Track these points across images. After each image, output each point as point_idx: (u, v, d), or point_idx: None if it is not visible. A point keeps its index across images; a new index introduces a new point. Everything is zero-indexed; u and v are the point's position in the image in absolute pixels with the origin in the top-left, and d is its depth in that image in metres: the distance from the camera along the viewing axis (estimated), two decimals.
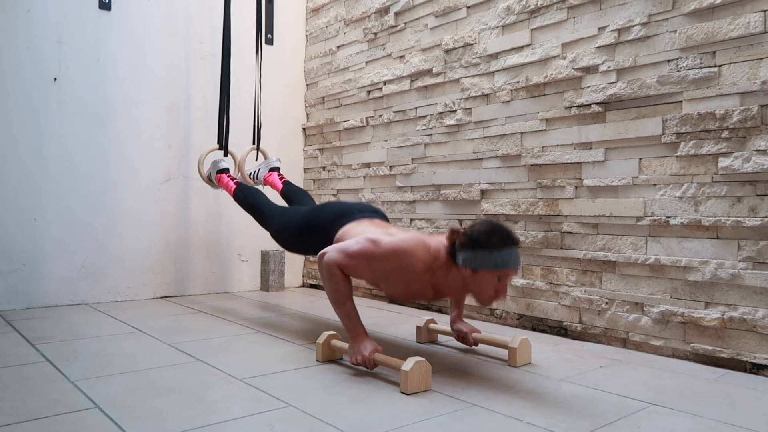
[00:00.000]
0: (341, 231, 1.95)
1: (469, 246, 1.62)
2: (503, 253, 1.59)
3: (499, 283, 1.63)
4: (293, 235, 2.18)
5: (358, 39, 3.27)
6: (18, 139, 2.71)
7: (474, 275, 1.63)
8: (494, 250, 1.59)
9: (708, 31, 1.90)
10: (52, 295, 2.79)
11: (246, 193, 2.56)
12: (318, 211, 2.12)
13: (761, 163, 1.78)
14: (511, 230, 1.65)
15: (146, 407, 1.43)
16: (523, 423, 1.36)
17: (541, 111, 2.38)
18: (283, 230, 2.24)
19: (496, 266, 1.60)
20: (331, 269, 1.74)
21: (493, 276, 1.61)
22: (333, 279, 1.75)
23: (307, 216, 2.15)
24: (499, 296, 1.65)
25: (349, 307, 1.76)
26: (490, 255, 1.59)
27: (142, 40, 3.05)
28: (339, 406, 1.46)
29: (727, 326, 1.86)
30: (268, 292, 3.38)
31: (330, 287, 1.76)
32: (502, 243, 1.60)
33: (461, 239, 1.64)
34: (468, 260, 1.62)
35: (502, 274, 1.62)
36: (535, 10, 2.39)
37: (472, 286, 1.66)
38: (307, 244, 2.12)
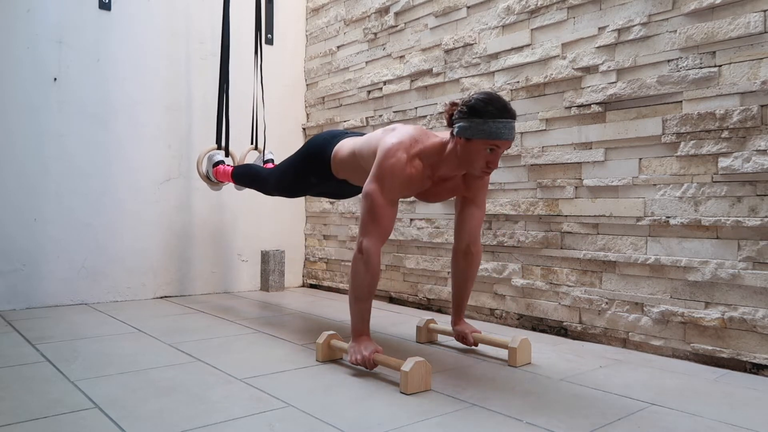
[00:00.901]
0: (336, 147, 2.00)
1: (466, 114, 1.63)
2: (498, 123, 1.60)
3: (491, 154, 1.64)
4: (292, 171, 2.20)
5: (358, 39, 3.27)
6: (18, 139, 2.71)
7: (467, 144, 1.64)
8: (489, 119, 1.60)
9: (708, 31, 1.90)
10: (52, 295, 2.79)
11: (242, 168, 2.63)
12: (309, 142, 2.15)
13: (761, 163, 1.78)
14: (509, 103, 1.65)
15: (146, 407, 1.43)
16: (523, 423, 1.36)
17: (541, 111, 2.38)
18: (284, 174, 2.26)
19: (489, 135, 1.60)
20: (372, 257, 1.71)
21: (485, 146, 1.62)
22: (369, 269, 1.71)
23: (301, 150, 2.18)
24: (490, 168, 1.66)
25: (367, 306, 1.76)
26: (485, 123, 1.60)
27: (142, 40, 3.05)
28: (339, 406, 1.46)
29: (727, 326, 1.86)
30: (268, 292, 3.38)
31: (358, 279, 1.73)
32: (498, 113, 1.61)
33: (459, 108, 1.66)
34: (463, 129, 1.63)
35: (495, 145, 1.62)
36: (535, 10, 2.39)
37: (464, 157, 1.67)
38: (308, 172, 2.13)
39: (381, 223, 1.73)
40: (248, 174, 2.56)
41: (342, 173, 2.02)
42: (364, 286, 1.73)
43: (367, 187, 1.74)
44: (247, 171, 2.58)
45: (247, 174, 2.56)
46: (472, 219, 1.97)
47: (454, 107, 1.70)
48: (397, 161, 1.71)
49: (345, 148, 1.97)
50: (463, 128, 1.64)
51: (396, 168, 1.71)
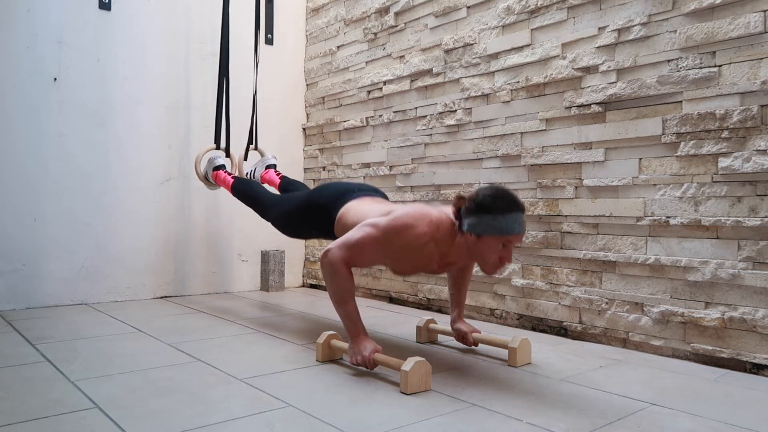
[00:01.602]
0: (343, 209, 1.95)
1: (475, 211, 1.61)
2: (508, 219, 1.58)
3: (504, 249, 1.62)
4: (295, 219, 2.17)
5: (358, 39, 3.27)
6: (18, 139, 2.71)
7: (479, 241, 1.62)
8: (499, 215, 1.58)
9: (708, 31, 1.90)
10: (52, 295, 2.79)
11: (244, 185, 2.56)
12: (318, 192, 2.11)
13: (761, 163, 1.78)
14: (517, 196, 1.64)
15: (146, 407, 1.43)
16: (523, 423, 1.36)
17: (541, 111, 2.38)
18: (285, 215, 2.23)
19: (500, 232, 1.59)
20: (336, 267, 1.72)
21: (497, 242, 1.61)
22: (336, 277, 1.72)
23: (307, 198, 2.14)
24: (504, 263, 1.64)
25: (351, 306, 1.76)
26: (495, 220, 1.58)
27: (142, 40, 3.05)
28: (339, 406, 1.46)
29: (727, 326, 1.86)
30: (268, 292, 3.38)
31: (332, 286, 1.75)
32: (507, 208, 1.59)
33: (467, 204, 1.64)
34: (473, 225, 1.61)
35: (507, 240, 1.61)
36: (535, 10, 2.39)
37: (477, 253, 1.65)
38: (310, 225, 2.11)
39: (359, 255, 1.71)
40: (248, 194, 2.50)
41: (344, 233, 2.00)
42: (338, 290, 1.74)
43: (372, 222, 1.71)
44: (248, 190, 2.52)
45: (248, 193, 2.51)
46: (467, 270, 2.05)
47: (461, 201, 1.66)
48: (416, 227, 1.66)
49: (351, 215, 1.90)
50: (473, 225, 1.62)
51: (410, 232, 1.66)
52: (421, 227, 1.67)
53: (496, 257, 1.63)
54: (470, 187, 2.63)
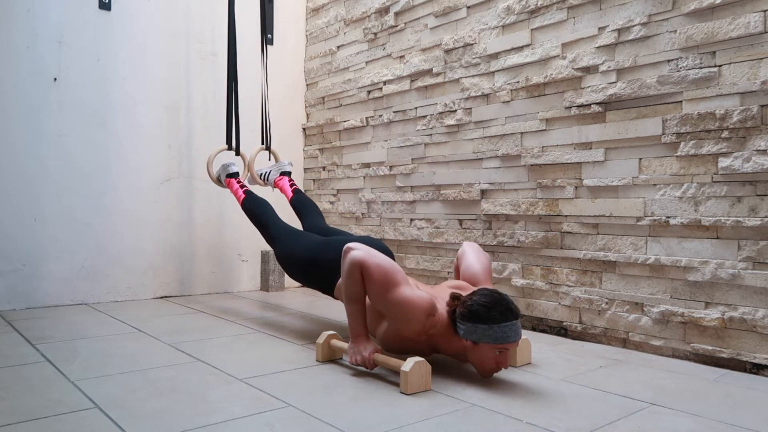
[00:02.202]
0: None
1: (469, 318, 1.61)
2: (503, 328, 1.59)
3: (500, 355, 1.62)
4: (298, 266, 2.16)
5: (358, 39, 3.27)
6: (18, 139, 2.71)
7: (475, 347, 1.62)
8: (494, 324, 1.58)
9: (708, 31, 1.90)
10: (52, 295, 2.79)
11: (254, 206, 2.51)
12: (326, 247, 2.09)
13: (761, 163, 1.78)
14: (512, 302, 1.63)
15: (146, 407, 1.43)
16: (523, 423, 1.36)
17: (541, 111, 2.38)
18: (289, 258, 2.21)
19: (496, 340, 1.59)
20: (354, 267, 1.71)
21: (493, 349, 1.61)
22: (353, 277, 1.72)
23: (314, 250, 2.12)
24: (500, 368, 1.64)
25: (360, 306, 1.75)
26: (490, 329, 1.59)
27: (142, 40, 3.05)
28: (339, 406, 1.46)
29: (727, 326, 1.86)
30: (268, 292, 3.38)
31: (348, 282, 1.74)
32: (503, 317, 1.59)
33: (461, 310, 1.64)
34: (468, 333, 1.62)
35: (503, 348, 1.61)
36: (535, 10, 2.39)
37: (473, 357, 1.65)
38: (311, 279, 2.12)
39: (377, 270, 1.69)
40: (257, 216, 2.46)
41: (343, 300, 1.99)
42: (354, 287, 1.73)
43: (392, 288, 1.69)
44: (258, 214, 2.47)
45: (256, 216, 2.47)
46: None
47: (456, 303, 1.67)
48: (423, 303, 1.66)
49: None
50: (468, 332, 1.62)
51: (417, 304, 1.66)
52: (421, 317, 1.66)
53: (493, 363, 1.63)
54: (470, 188, 2.63)
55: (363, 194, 3.22)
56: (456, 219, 2.72)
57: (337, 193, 3.43)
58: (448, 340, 1.70)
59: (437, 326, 1.69)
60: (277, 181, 2.83)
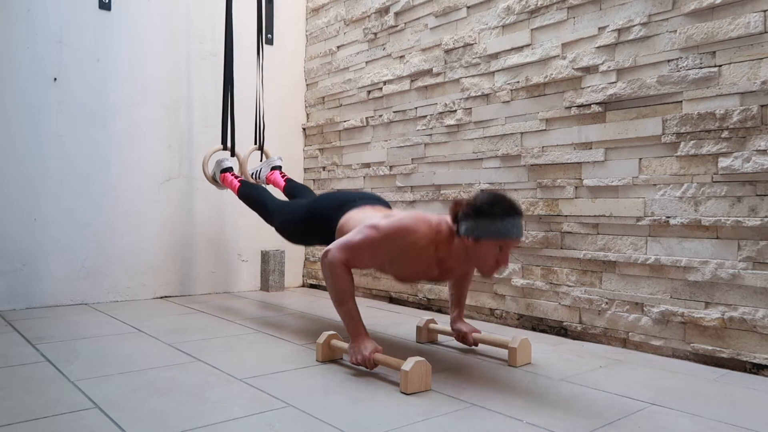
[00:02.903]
0: (344, 218, 1.96)
1: (472, 215, 1.62)
2: (506, 223, 1.60)
3: (501, 253, 1.63)
4: (297, 226, 2.19)
5: (358, 39, 3.27)
6: (18, 139, 2.71)
7: (476, 245, 1.63)
8: (497, 219, 1.60)
9: (708, 31, 1.90)
10: (52, 295, 2.79)
11: (250, 190, 2.58)
12: (320, 201, 2.13)
13: (761, 163, 1.78)
14: (515, 200, 1.65)
15: (146, 407, 1.43)
16: (523, 423, 1.36)
17: (541, 111, 2.38)
18: (287, 222, 2.25)
19: (498, 236, 1.60)
20: (335, 268, 1.73)
21: (495, 245, 1.62)
22: (336, 278, 1.73)
23: (309, 206, 2.16)
24: (501, 266, 1.66)
25: (351, 306, 1.76)
26: (493, 224, 1.60)
27: (142, 40, 3.05)
28: (339, 406, 1.46)
29: (727, 326, 1.86)
30: (268, 292, 3.38)
31: (333, 286, 1.75)
32: (505, 212, 1.60)
33: (464, 209, 1.65)
34: (470, 230, 1.63)
35: (504, 244, 1.62)
36: (535, 10, 2.39)
37: (474, 256, 1.66)
38: (311, 234, 2.13)
39: (357, 256, 1.72)
40: (254, 199, 2.52)
41: None
42: (339, 290, 1.75)
43: (371, 223, 1.72)
44: (253, 195, 2.54)
45: (253, 199, 2.53)
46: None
47: (459, 207, 1.68)
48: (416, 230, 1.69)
49: (351, 224, 1.90)
50: (470, 229, 1.63)
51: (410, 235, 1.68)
52: (421, 230, 1.69)
53: (494, 261, 1.64)
54: (470, 188, 2.63)
55: None
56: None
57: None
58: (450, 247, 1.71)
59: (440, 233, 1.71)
60: (269, 176, 2.86)
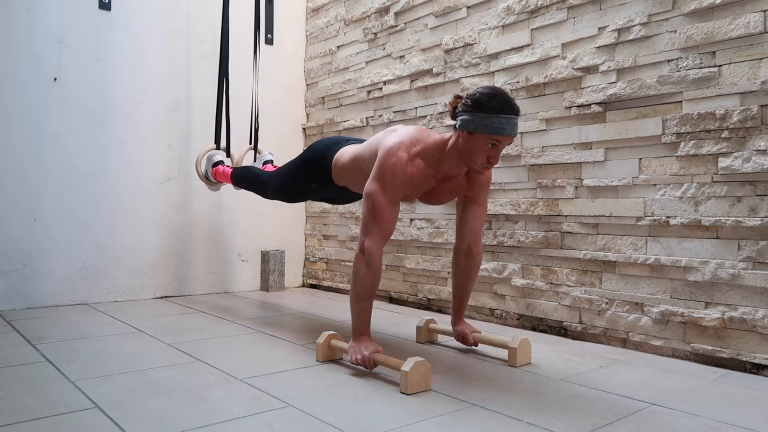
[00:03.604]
0: (337, 155, 2.00)
1: (470, 108, 1.64)
2: (501, 119, 1.61)
3: (492, 149, 1.65)
4: (294, 177, 2.21)
5: (358, 39, 3.27)
6: (18, 139, 2.71)
7: (469, 138, 1.65)
8: (492, 113, 1.61)
9: (708, 31, 1.90)
10: (52, 295, 2.79)
11: (242, 170, 2.63)
12: (311, 148, 2.16)
13: (761, 163, 1.78)
14: (514, 100, 1.66)
15: (146, 407, 1.43)
16: (523, 423, 1.36)
17: (541, 111, 2.38)
18: (284, 179, 2.27)
19: (491, 130, 1.61)
20: (373, 258, 1.71)
21: (487, 140, 1.64)
22: (370, 270, 1.71)
23: (302, 156, 2.20)
24: (491, 163, 1.67)
25: (368, 306, 1.76)
26: (488, 118, 1.61)
27: (142, 39, 3.05)
28: (339, 406, 1.46)
29: (727, 326, 1.86)
30: (268, 292, 3.38)
31: (360, 279, 1.73)
32: (501, 109, 1.62)
33: (464, 101, 1.67)
34: (466, 122, 1.65)
35: (496, 140, 1.63)
36: (535, 10, 2.39)
37: (466, 151, 1.68)
38: (309, 178, 2.15)
39: (382, 223, 1.74)
40: (247, 177, 2.55)
41: (343, 180, 2.02)
42: (365, 286, 1.74)
43: (369, 188, 1.75)
44: (247, 173, 2.58)
45: (247, 177, 2.56)
46: (474, 219, 1.97)
47: (459, 100, 1.71)
48: (398, 160, 1.71)
49: (346, 155, 1.97)
50: (466, 121, 1.65)
51: (397, 167, 1.71)
52: (402, 154, 1.72)
53: (484, 157, 1.67)
54: None
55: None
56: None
57: None
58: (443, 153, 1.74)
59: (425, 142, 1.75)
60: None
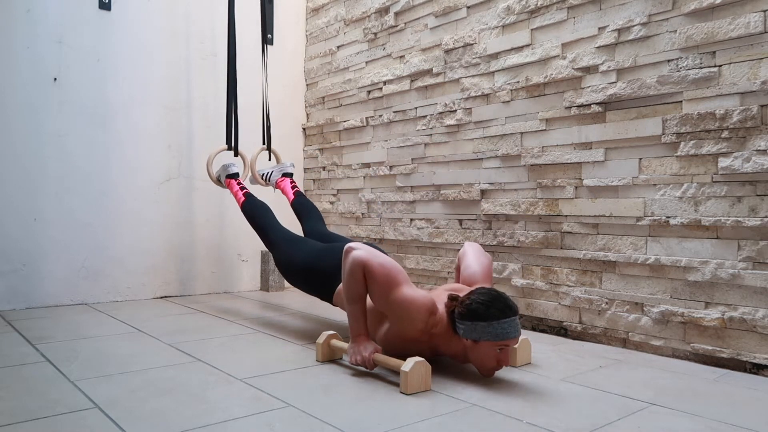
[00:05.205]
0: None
1: (468, 317, 1.62)
2: (503, 324, 1.59)
3: (501, 353, 1.62)
4: (297, 272, 2.18)
5: (358, 39, 3.27)
6: (18, 139, 2.71)
7: (475, 346, 1.63)
8: (493, 321, 1.59)
9: (708, 31, 1.90)
10: (52, 295, 2.79)
11: (254, 210, 2.51)
12: (326, 253, 2.11)
13: (761, 163, 1.78)
14: (510, 299, 1.64)
15: (146, 407, 1.43)
16: (523, 423, 1.36)
17: (541, 111, 2.38)
18: (288, 264, 2.23)
19: (496, 337, 1.59)
20: (356, 267, 1.71)
21: (494, 347, 1.61)
22: (355, 276, 1.72)
23: (314, 256, 2.14)
24: (502, 365, 1.65)
25: (360, 306, 1.76)
26: (490, 326, 1.59)
27: (142, 40, 3.05)
28: (339, 406, 1.46)
29: (727, 326, 1.86)
30: (268, 292, 3.38)
31: (349, 282, 1.74)
32: (501, 314, 1.60)
33: (460, 309, 1.64)
34: (468, 332, 1.62)
35: (504, 345, 1.61)
36: (535, 10, 2.39)
37: (474, 357, 1.66)
38: (310, 286, 2.14)
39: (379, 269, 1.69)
40: (256, 221, 2.46)
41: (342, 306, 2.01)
42: (355, 288, 1.74)
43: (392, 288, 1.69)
44: (257, 218, 2.47)
45: (255, 220, 2.47)
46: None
47: (454, 303, 1.67)
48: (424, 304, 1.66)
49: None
50: (468, 331, 1.63)
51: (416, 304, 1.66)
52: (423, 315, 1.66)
53: (494, 361, 1.64)
54: (470, 188, 2.63)
55: (363, 194, 3.22)
56: (456, 219, 2.72)
57: (337, 193, 3.43)
58: (448, 340, 1.70)
59: (438, 326, 1.69)
60: (279, 182, 2.84)
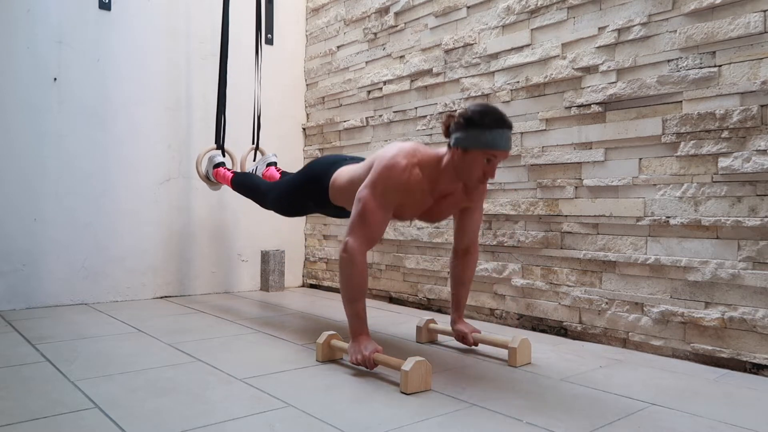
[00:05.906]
0: (334, 175, 2.00)
1: (463, 126, 1.65)
2: (495, 134, 1.62)
3: (488, 164, 1.66)
4: (292, 194, 2.21)
5: (358, 39, 3.27)
6: (18, 139, 2.71)
7: (464, 155, 1.66)
8: (486, 129, 1.62)
9: (708, 31, 1.90)
10: (52, 295, 2.79)
11: (242, 177, 2.63)
12: (310, 166, 2.16)
13: (761, 163, 1.78)
14: (505, 114, 1.66)
15: (146, 407, 1.43)
16: (523, 423, 1.36)
17: (541, 111, 2.38)
18: (282, 194, 2.27)
19: (486, 145, 1.62)
20: (355, 257, 1.71)
21: (482, 156, 1.64)
22: (355, 269, 1.71)
23: (301, 173, 2.20)
24: (487, 177, 1.68)
25: (361, 306, 1.76)
26: (482, 134, 1.62)
27: (142, 40, 3.05)
28: (339, 406, 1.46)
29: (727, 326, 1.86)
30: (268, 292, 3.38)
31: (348, 280, 1.73)
32: (495, 124, 1.62)
33: (456, 119, 1.68)
34: (460, 140, 1.65)
35: (492, 155, 1.64)
36: (535, 10, 2.39)
37: (462, 168, 1.68)
38: (306, 196, 2.15)
39: (369, 225, 1.73)
40: (247, 184, 2.56)
41: (339, 200, 2.01)
42: (353, 286, 1.74)
43: (361, 191, 1.75)
44: (246, 181, 2.58)
45: (246, 184, 2.56)
46: (472, 222, 1.99)
47: (451, 119, 1.71)
48: (395, 165, 1.72)
49: (343, 176, 1.96)
50: (460, 139, 1.65)
51: (392, 172, 1.71)
52: (401, 160, 1.72)
53: (481, 172, 1.67)
54: None
55: None
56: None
57: None
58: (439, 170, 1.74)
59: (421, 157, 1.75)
60: (264, 172, 2.88)
